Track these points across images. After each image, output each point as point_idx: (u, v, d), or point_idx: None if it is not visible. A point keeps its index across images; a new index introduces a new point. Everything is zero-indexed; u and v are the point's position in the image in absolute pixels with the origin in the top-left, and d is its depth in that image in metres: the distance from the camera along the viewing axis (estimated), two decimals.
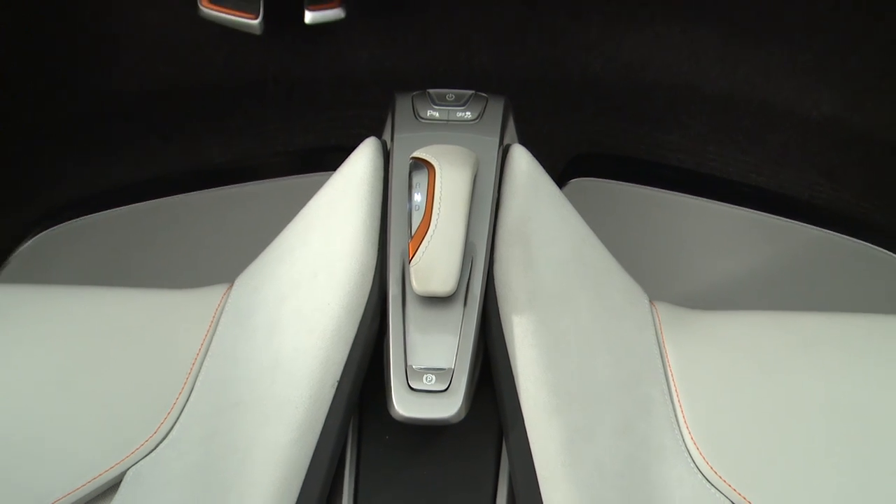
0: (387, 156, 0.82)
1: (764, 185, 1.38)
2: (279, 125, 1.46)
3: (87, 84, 1.50)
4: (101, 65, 1.50)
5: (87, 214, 1.34)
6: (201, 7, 1.26)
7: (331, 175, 0.83)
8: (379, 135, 0.87)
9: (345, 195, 0.79)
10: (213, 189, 1.35)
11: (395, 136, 0.83)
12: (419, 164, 0.76)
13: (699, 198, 1.31)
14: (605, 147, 1.42)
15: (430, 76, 1.47)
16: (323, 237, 0.78)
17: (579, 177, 1.33)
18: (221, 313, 0.82)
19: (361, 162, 0.80)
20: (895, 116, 1.39)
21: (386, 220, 0.78)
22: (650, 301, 0.84)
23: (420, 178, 0.76)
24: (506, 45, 1.47)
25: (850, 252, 1.28)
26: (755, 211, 1.30)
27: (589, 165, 1.36)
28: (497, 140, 0.82)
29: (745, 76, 1.44)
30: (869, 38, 1.40)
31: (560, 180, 1.32)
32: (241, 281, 0.84)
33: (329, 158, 1.32)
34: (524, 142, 0.87)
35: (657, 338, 0.80)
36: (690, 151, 1.41)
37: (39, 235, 1.32)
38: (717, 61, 1.45)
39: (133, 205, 1.35)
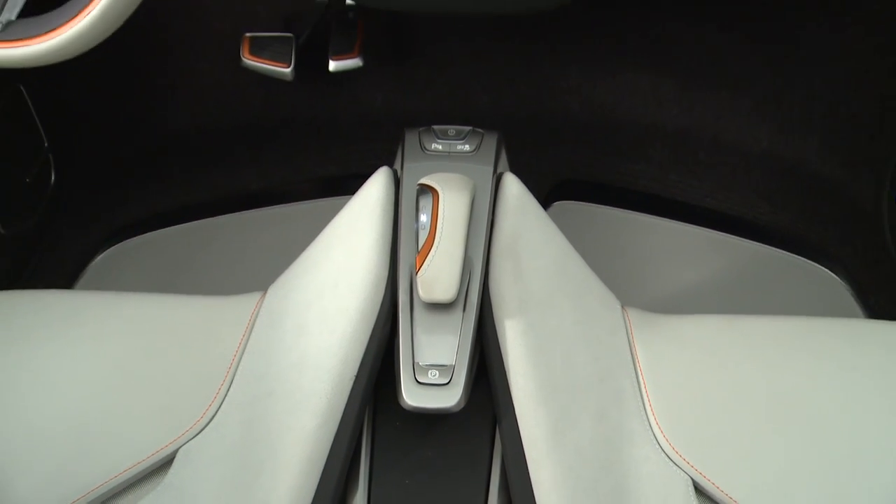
0: (397, 182, 0.81)
1: (716, 207, 1.38)
2: (307, 156, 1.45)
3: (149, 122, 1.50)
4: (160, 106, 1.50)
5: (146, 232, 1.34)
6: (243, 58, 1.25)
7: (350, 199, 0.82)
8: (391, 164, 0.86)
9: (361, 216, 0.78)
10: (251, 210, 1.35)
11: (405, 165, 0.82)
12: (425, 190, 0.75)
13: (663, 218, 1.31)
14: (583, 175, 1.41)
15: (434, 114, 1.46)
16: (343, 252, 0.77)
17: (561, 200, 1.32)
18: (257, 317, 0.80)
19: (376, 188, 0.79)
20: (818, 152, 1.39)
21: (396, 238, 0.77)
22: (622, 307, 0.82)
23: (426, 202, 0.74)
24: (499, 88, 1.46)
25: (787, 264, 1.28)
26: (709, 229, 1.30)
27: (569, 190, 1.36)
28: (491, 169, 0.81)
29: (699, 116, 1.43)
30: (797, 88, 1.40)
31: (545, 203, 1.31)
32: (273, 289, 0.82)
33: (349, 184, 1.31)
34: (514, 170, 0.86)
35: (628, 338, 0.79)
36: (655, 179, 1.40)
37: (109, 250, 1.32)
38: (676, 103, 1.44)
39: (184, 224, 1.34)
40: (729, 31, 1.41)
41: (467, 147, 0.84)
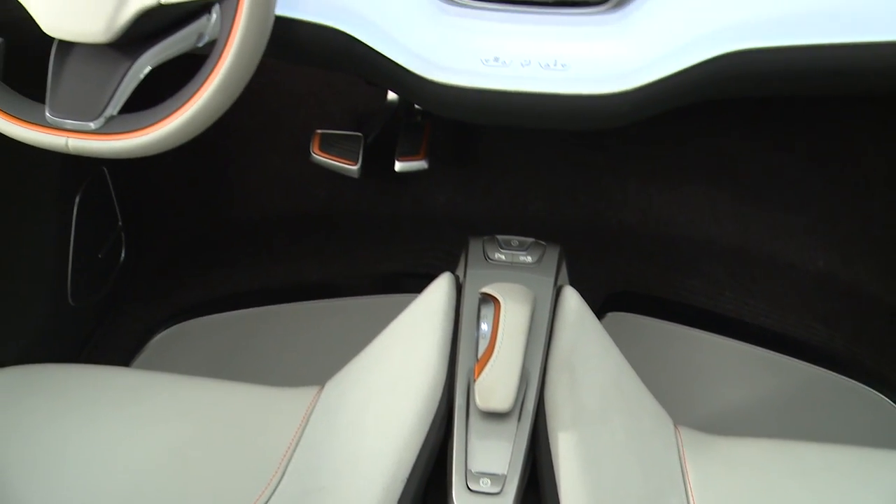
0: (459, 289, 0.83)
1: (770, 326, 1.36)
2: (366, 252, 1.47)
3: (219, 208, 1.54)
4: (230, 193, 1.54)
5: (206, 315, 1.36)
6: (312, 153, 1.29)
7: (409, 297, 0.83)
8: (450, 266, 0.88)
9: (423, 320, 0.79)
10: (310, 302, 1.36)
11: (468, 272, 0.84)
12: (487, 299, 0.77)
13: (717, 335, 1.30)
14: (638, 287, 1.41)
15: (492, 219, 1.48)
16: (403, 354, 0.78)
17: (616, 311, 1.32)
18: (313, 411, 0.81)
19: (438, 293, 0.81)
20: (876, 275, 1.38)
21: (456, 344, 0.78)
22: (675, 425, 0.82)
23: (487, 311, 0.76)
24: (557, 197, 1.48)
25: (841, 388, 1.26)
26: (763, 348, 1.28)
27: (624, 302, 1.36)
28: (552, 281, 0.83)
29: (756, 234, 1.44)
30: (854, 211, 1.40)
31: (599, 313, 1.31)
32: (331, 384, 0.84)
33: (407, 282, 1.33)
34: (571, 279, 0.87)
35: (680, 458, 0.78)
36: (709, 294, 1.40)
37: (169, 329, 1.34)
38: (733, 220, 1.45)
39: (243, 310, 1.36)
40: (787, 151, 1.43)
41: (529, 258, 0.85)
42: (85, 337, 1.34)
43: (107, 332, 1.38)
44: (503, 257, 0.86)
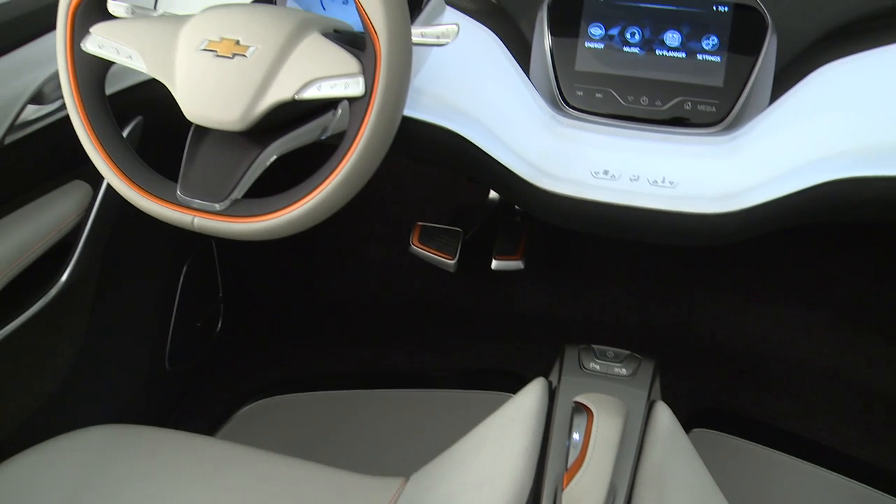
0: (552, 395, 0.82)
1: (864, 458, 1.30)
2: (456, 345, 1.48)
3: (315, 290, 1.58)
4: (327, 277, 1.58)
5: (294, 392, 1.38)
6: (411, 245, 1.32)
7: (496, 395, 0.84)
8: (537, 366, 0.88)
9: (514, 423, 0.79)
10: (396, 390, 1.37)
11: (562, 380, 0.84)
12: (580, 409, 0.76)
13: (807, 462, 1.25)
14: (725, 404, 1.38)
15: (583, 324, 1.47)
16: (491, 455, 0.78)
17: (701, 427, 1.29)
18: (396, 503, 0.81)
19: (531, 397, 0.81)
20: None
21: (546, 449, 0.78)
22: None
23: (580, 421, 0.76)
24: (649, 306, 1.47)
25: None
26: (858, 482, 1.23)
27: (711, 418, 1.32)
28: (646, 395, 0.82)
29: (852, 360, 1.39)
30: None
31: (684, 427, 1.28)
32: (415, 478, 0.83)
33: (494, 380, 1.33)
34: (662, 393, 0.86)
35: None
36: (800, 419, 1.35)
37: (256, 402, 1.36)
38: (828, 343, 1.41)
39: (330, 391, 1.38)
40: (886, 278, 1.39)
41: (624, 371, 0.85)
42: (175, 401, 1.37)
43: (196, 399, 1.41)
44: (598, 367, 0.86)
